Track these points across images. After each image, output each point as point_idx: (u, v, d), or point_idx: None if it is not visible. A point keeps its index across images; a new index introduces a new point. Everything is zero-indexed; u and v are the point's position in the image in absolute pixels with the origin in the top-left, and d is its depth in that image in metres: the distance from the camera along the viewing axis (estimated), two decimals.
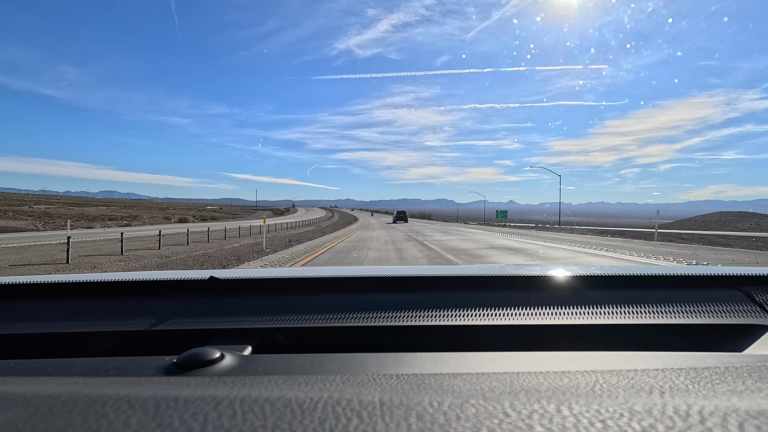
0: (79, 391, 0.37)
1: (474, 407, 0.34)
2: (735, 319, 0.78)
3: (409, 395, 0.37)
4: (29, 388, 0.39)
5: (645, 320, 0.77)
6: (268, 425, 0.32)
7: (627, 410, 0.33)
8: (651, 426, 0.31)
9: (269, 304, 0.84)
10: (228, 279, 0.86)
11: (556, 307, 0.80)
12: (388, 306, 0.80)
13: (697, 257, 9.80)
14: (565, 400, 0.35)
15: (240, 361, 0.55)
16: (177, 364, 0.54)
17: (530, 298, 0.83)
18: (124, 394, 0.37)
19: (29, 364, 0.57)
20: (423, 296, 0.85)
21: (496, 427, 0.31)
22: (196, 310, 0.81)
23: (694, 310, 0.80)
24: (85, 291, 0.88)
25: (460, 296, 0.84)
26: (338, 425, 0.32)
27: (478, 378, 0.43)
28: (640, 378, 0.42)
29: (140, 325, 0.76)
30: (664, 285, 0.88)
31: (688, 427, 0.30)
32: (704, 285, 0.90)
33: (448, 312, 0.79)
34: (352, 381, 0.42)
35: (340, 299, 0.85)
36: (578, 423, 0.31)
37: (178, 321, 0.77)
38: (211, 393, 0.37)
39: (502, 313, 0.79)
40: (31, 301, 0.86)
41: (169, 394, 0.37)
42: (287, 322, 0.76)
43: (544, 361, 0.56)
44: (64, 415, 0.33)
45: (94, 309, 0.83)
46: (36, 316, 0.80)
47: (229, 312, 0.80)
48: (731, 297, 0.84)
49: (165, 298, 0.87)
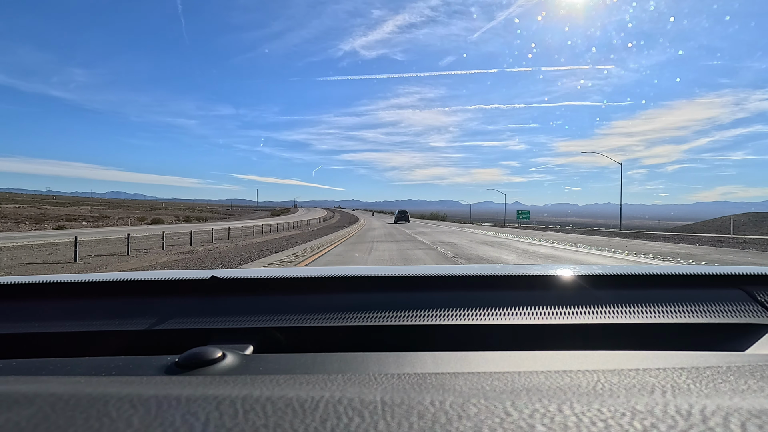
0: (82, 391, 0.37)
1: (475, 406, 0.34)
2: (737, 319, 0.78)
3: (410, 394, 0.37)
4: (32, 388, 0.38)
5: (647, 320, 0.77)
6: (270, 424, 0.31)
7: (629, 410, 0.33)
8: (653, 425, 0.30)
9: (271, 303, 0.84)
10: (229, 279, 0.86)
11: (558, 306, 0.80)
12: (389, 305, 0.80)
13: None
14: (567, 400, 0.35)
15: (241, 361, 0.55)
16: (179, 363, 0.54)
17: (532, 297, 0.83)
18: (126, 393, 0.37)
19: (32, 363, 0.57)
20: (424, 296, 0.85)
21: (498, 426, 0.31)
22: (198, 309, 0.81)
23: (696, 310, 0.79)
24: (87, 291, 0.88)
25: (461, 296, 0.84)
26: (340, 424, 0.31)
27: (479, 377, 0.43)
28: (641, 377, 0.42)
29: (142, 324, 0.76)
30: (666, 284, 0.88)
31: (690, 426, 0.30)
32: (706, 284, 0.89)
33: (449, 311, 0.78)
34: (354, 380, 0.42)
35: (341, 299, 0.85)
36: (580, 422, 0.31)
37: (180, 320, 0.78)
38: (212, 392, 0.37)
39: (503, 312, 0.79)
40: (33, 300, 0.86)
41: (171, 393, 0.37)
42: (289, 321, 0.76)
43: (546, 361, 0.56)
44: (67, 415, 0.33)
45: (96, 309, 0.83)
46: (38, 316, 0.80)
47: (231, 311, 0.80)
48: (733, 296, 0.84)
49: (167, 297, 0.87)
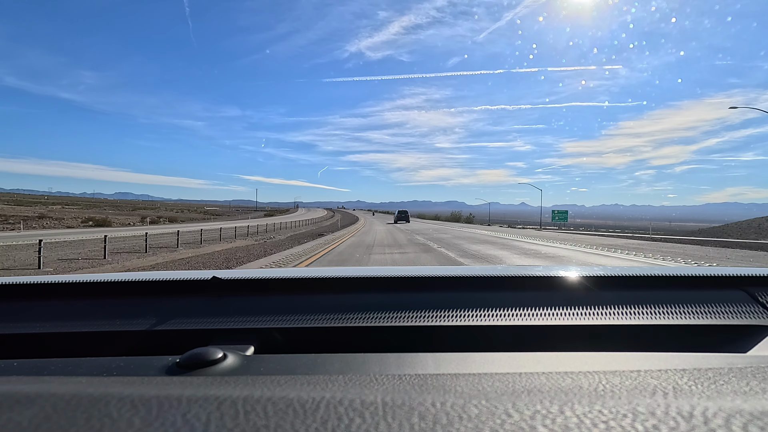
0: (83, 391, 0.37)
1: (476, 407, 0.34)
2: (739, 320, 0.77)
3: (411, 395, 0.37)
4: (33, 388, 0.38)
5: (648, 321, 0.77)
6: (271, 425, 0.31)
7: (630, 411, 0.33)
8: (654, 427, 0.30)
9: (272, 304, 0.84)
10: (230, 279, 0.86)
11: (559, 307, 0.80)
12: (390, 306, 0.80)
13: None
14: (568, 401, 0.35)
15: (242, 361, 0.55)
16: (180, 364, 0.54)
17: (533, 298, 0.83)
18: (127, 393, 0.37)
19: (33, 363, 0.57)
20: (424, 296, 0.85)
21: (499, 427, 0.31)
22: (199, 310, 0.81)
23: (697, 311, 0.79)
24: (88, 291, 0.88)
25: (462, 296, 0.84)
26: (340, 425, 0.31)
27: (480, 378, 0.43)
28: (643, 379, 0.42)
29: (143, 325, 0.76)
30: (667, 286, 0.88)
31: (691, 428, 0.30)
32: (708, 286, 0.89)
33: (450, 312, 0.78)
34: (355, 381, 0.42)
35: (342, 299, 0.85)
36: (581, 424, 0.31)
37: (181, 321, 0.78)
38: (213, 393, 0.37)
39: (504, 313, 0.79)
40: (34, 301, 0.86)
41: (172, 393, 0.37)
42: (290, 322, 0.76)
43: (547, 362, 0.55)
44: (68, 415, 0.33)
45: (97, 309, 0.83)
46: (39, 316, 0.80)
47: (232, 312, 0.80)
48: (735, 298, 0.84)
49: (168, 298, 0.87)
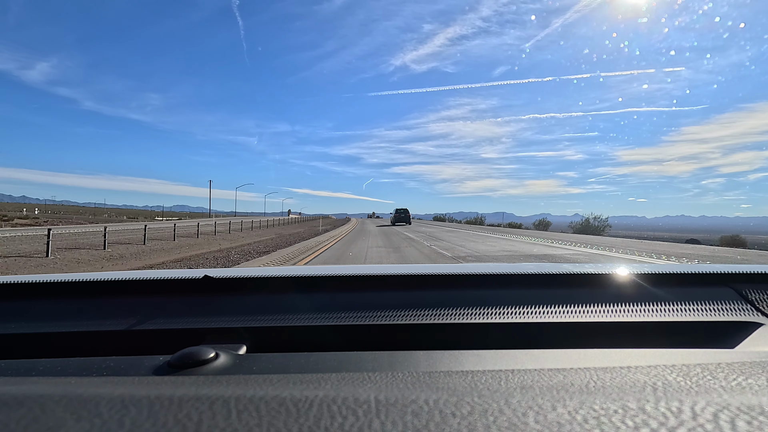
0: (72, 391, 0.37)
1: (469, 404, 0.34)
2: (726, 317, 0.79)
3: (404, 393, 0.37)
4: (21, 389, 0.38)
5: (637, 318, 0.78)
6: (264, 424, 0.31)
7: (621, 407, 0.33)
8: (644, 422, 0.31)
9: (264, 303, 0.83)
10: (222, 278, 0.86)
11: (549, 305, 0.81)
12: (383, 305, 0.80)
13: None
14: (560, 397, 0.35)
15: (234, 361, 0.55)
16: (171, 363, 0.53)
17: (524, 296, 0.84)
18: (117, 393, 0.36)
19: (21, 364, 0.57)
20: (418, 295, 0.85)
21: (492, 424, 0.31)
22: (190, 309, 0.81)
23: (686, 308, 0.81)
24: (77, 290, 0.87)
25: (454, 294, 0.84)
26: (334, 423, 0.31)
27: (473, 375, 0.43)
28: (633, 375, 0.42)
29: (134, 324, 0.75)
30: (655, 283, 0.89)
31: (680, 423, 0.31)
32: (696, 283, 0.91)
33: (443, 310, 0.78)
34: (348, 379, 0.42)
35: (334, 298, 0.85)
36: (572, 420, 0.32)
37: (172, 320, 0.77)
38: (205, 392, 0.37)
39: (496, 311, 0.79)
40: (22, 300, 0.85)
41: (163, 393, 0.37)
42: (282, 321, 0.76)
43: (539, 359, 0.56)
44: (57, 416, 0.32)
45: (86, 308, 0.82)
46: (27, 316, 0.79)
47: (224, 311, 0.79)
48: (722, 294, 0.85)
49: (158, 297, 0.86)
